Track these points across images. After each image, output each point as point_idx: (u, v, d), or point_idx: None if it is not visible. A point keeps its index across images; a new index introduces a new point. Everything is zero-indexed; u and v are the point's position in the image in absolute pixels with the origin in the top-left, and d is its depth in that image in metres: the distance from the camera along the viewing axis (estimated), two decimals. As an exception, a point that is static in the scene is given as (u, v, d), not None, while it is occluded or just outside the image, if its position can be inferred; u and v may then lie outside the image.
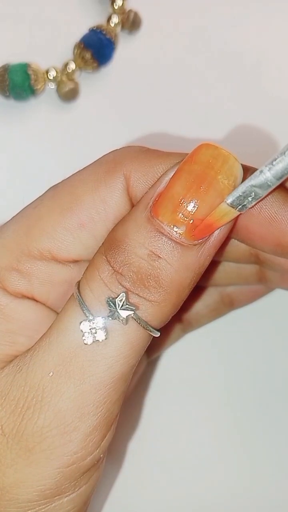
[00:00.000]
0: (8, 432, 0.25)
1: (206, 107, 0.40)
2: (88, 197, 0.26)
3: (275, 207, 0.25)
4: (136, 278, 0.24)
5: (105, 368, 0.24)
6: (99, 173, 0.27)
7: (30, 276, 0.27)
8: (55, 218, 0.27)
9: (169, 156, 0.26)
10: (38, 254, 0.27)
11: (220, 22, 0.41)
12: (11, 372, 0.25)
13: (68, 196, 0.27)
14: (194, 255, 0.24)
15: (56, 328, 0.25)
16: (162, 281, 0.24)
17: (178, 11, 0.41)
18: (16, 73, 0.38)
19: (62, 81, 0.39)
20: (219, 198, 0.24)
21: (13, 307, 0.27)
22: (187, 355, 0.38)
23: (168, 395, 0.38)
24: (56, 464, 0.25)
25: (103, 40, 0.39)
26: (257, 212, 0.25)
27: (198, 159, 0.24)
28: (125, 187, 0.27)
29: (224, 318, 0.37)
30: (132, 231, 0.24)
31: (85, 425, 0.25)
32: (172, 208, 0.24)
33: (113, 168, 0.27)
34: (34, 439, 0.24)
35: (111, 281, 0.24)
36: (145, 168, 0.26)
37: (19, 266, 0.27)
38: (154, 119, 0.39)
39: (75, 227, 0.27)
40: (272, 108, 0.40)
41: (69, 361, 0.24)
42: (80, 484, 0.26)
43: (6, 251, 0.27)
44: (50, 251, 0.27)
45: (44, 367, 0.25)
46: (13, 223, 0.27)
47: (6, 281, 0.27)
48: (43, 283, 0.27)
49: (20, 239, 0.27)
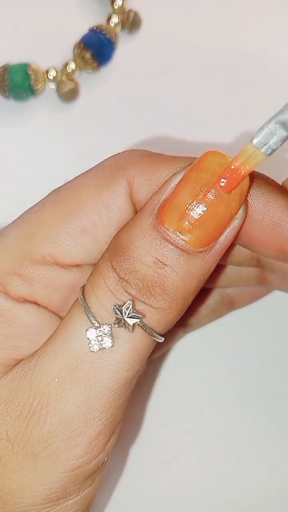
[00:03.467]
0: (14, 438, 0.25)
1: (206, 107, 0.40)
2: (91, 202, 0.26)
3: (278, 213, 0.25)
4: (142, 285, 0.24)
5: (111, 374, 0.25)
6: (102, 178, 0.27)
7: (32, 281, 0.27)
8: (58, 223, 0.26)
9: (173, 161, 0.26)
10: (40, 259, 0.27)
11: (220, 22, 0.41)
12: (16, 378, 0.25)
13: (71, 201, 0.27)
14: (200, 262, 0.24)
15: (61, 335, 0.25)
16: (167, 289, 0.24)
17: (178, 11, 0.41)
18: (16, 73, 0.38)
19: (62, 81, 0.39)
20: (225, 206, 0.24)
21: (15, 312, 0.27)
22: (188, 354, 0.38)
23: (170, 395, 0.38)
24: (62, 469, 0.25)
25: (103, 40, 0.39)
26: (260, 218, 0.25)
27: (204, 166, 0.24)
28: (128, 192, 0.27)
29: (225, 318, 0.37)
30: (137, 238, 0.24)
31: (91, 430, 0.25)
32: (178, 216, 0.24)
33: (116, 173, 0.27)
34: (40, 444, 0.25)
35: (117, 288, 0.24)
36: (148, 173, 0.26)
37: (21, 271, 0.27)
38: (153, 119, 0.39)
39: (78, 232, 0.26)
40: (274, 109, 0.40)
41: (75, 368, 0.25)
42: (84, 487, 0.26)
43: (7, 255, 0.27)
44: (52, 256, 0.27)
45: (50, 373, 0.25)
46: (15, 227, 0.27)
47: (8, 286, 0.27)
48: (45, 287, 0.27)
49: (22, 244, 0.27)
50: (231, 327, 0.38)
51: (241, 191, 0.24)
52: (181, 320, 0.27)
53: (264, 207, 0.25)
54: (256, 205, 0.26)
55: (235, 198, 0.24)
